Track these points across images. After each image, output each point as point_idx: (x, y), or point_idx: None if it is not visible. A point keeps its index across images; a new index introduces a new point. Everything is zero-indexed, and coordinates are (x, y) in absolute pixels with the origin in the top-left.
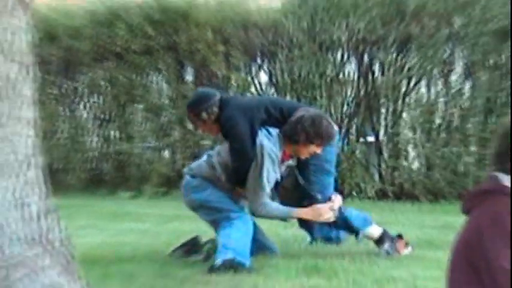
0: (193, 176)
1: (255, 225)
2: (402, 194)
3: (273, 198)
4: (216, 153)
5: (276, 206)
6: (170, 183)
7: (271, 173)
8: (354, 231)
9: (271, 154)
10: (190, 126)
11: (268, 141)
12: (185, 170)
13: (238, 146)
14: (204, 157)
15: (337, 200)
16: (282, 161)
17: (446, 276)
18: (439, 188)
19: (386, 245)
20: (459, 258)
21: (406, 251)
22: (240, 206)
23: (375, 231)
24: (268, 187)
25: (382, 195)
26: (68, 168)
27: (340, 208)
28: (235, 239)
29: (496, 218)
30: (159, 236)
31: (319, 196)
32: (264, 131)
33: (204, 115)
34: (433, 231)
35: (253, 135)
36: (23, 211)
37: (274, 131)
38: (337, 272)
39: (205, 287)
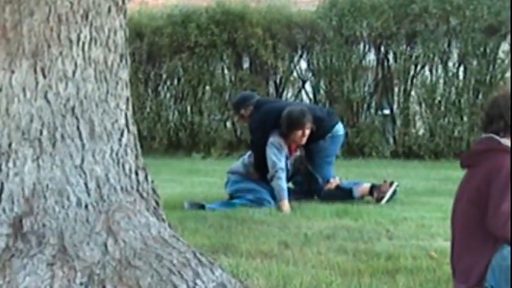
0: (232, 173)
1: None
2: (411, 154)
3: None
4: (248, 155)
5: (282, 185)
6: (232, 147)
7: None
8: (352, 196)
9: (274, 143)
10: None
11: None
12: (227, 170)
13: (252, 138)
14: (241, 159)
15: (334, 182)
16: (291, 153)
17: (452, 218)
18: (440, 149)
19: (375, 193)
20: (467, 202)
21: (391, 188)
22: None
23: (365, 188)
24: (279, 163)
25: (395, 155)
26: (153, 135)
27: (338, 185)
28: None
29: (500, 170)
30: (223, 187)
31: (320, 180)
32: None
33: (242, 111)
34: (435, 182)
35: (266, 134)
36: (121, 167)
37: None
38: (362, 214)
39: (260, 225)
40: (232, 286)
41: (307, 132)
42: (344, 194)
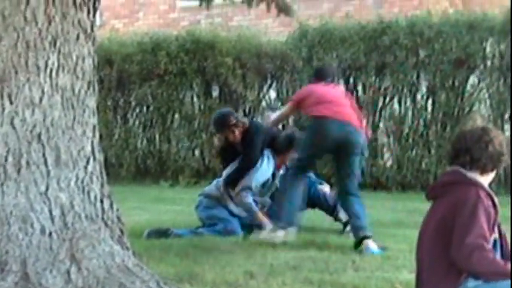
0: (205, 197)
1: None
2: (378, 186)
3: (264, 194)
4: (222, 177)
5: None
6: (200, 175)
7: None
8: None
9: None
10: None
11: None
12: (199, 193)
13: (250, 151)
14: (214, 181)
15: (325, 188)
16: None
17: (418, 248)
18: (407, 181)
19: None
20: (433, 233)
21: None
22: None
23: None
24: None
25: (363, 186)
26: (121, 163)
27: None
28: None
29: (466, 202)
30: (191, 216)
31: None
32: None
33: (233, 123)
34: (403, 214)
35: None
36: (87, 195)
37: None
38: (328, 245)
39: (225, 255)
40: None
41: None
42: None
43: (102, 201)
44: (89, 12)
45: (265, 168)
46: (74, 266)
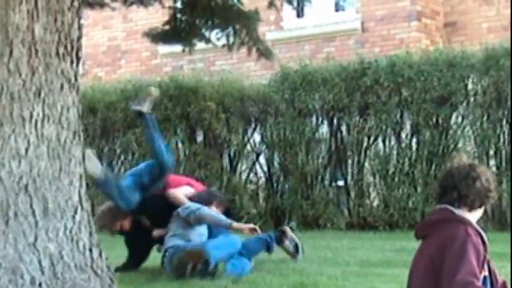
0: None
1: None
2: (366, 225)
3: None
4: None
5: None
6: None
7: None
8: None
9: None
10: (200, 175)
11: None
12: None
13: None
14: None
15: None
16: None
17: (408, 287)
18: (394, 220)
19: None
20: (422, 272)
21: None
22: None
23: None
24: None
25: (350, 226)
26: None
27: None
28: None
29: (454, 239)
30: None
31: None
32: None
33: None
34: (391, 254)
35: None
36: (75, 245)
37: None
38: (318, 287)
39: None
40: None
41: None
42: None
43: (91, 250)
44: (72, 62)
45: None
46: None
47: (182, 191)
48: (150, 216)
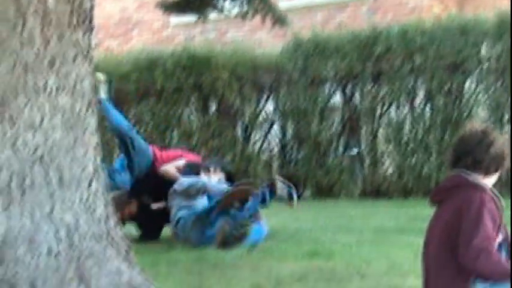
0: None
1: None
2: (380, 194)
3: None
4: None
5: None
6: None
7: None
8: None
9: None
10: (214, 145)
11: None
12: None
13: None
14: None
15: None
16: None
17: (424, 254)
18: (408, 188)
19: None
20: (438, 239)
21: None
22: None
23: None
24: None
25: (364, 194)
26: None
27: None
28: None
29: (470, 204)
30: None
31: None
32: None
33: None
34: (405, 221)
35: None
36: (91, 215)
37: None
38: (333, 254)
39: (231, 269)
40: None
41: None
42: None
43: (107, 220)
44: (85, 33)
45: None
46: (82, 285)
47: (173, 166)
48: (150, 194)
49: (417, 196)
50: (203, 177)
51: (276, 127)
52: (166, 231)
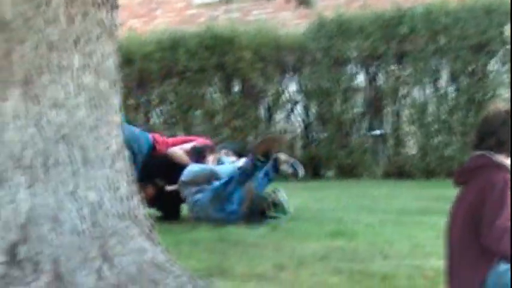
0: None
1: None
2: (403, 174)
3: None
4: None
5: None
6: None
7: None
8: None
9: None
10: (237, 125)
11: None
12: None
13: None
14: None
15: None
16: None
17: (448, 234)
18: (432, 168)
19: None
20: (462, 220)
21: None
22: None
23: None
24: None
25: (387, 175)
26: None
27: None
28: None
29: (494, 185)
30: None
31: None
32: None
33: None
34: (428, 202)
35: None
36: (115, 193)
37: None
38: (356, 234)
39: (253, 248)
40: None
41: None
42: None
43: (130, 199)
44: (109, 11)
45: None
46: (105, 263)
47: (181, 148)
48: (162, 177)
49: (440, 177)
50: (210, 160)
51: (299, 107)
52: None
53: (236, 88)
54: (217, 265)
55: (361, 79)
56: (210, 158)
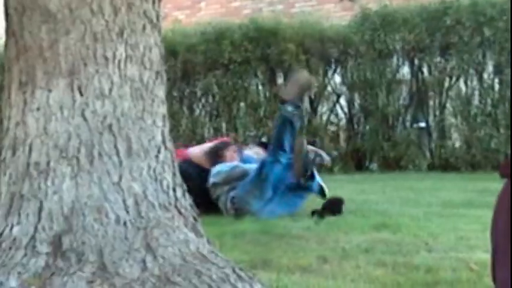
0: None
1: None
2: (448, 167)
3: None
4: None
5: None
6: None
7: None
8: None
9: None
10: None
11: None
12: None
13: None
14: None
15: None
16: None
17: (493, 228)
18: (477, 161)
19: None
20: (507, 215)
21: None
22: None
23: None
24: None
25: (432, 167)
26: None
27: None
28: None
29: None
30: None
31: None
32: None
33: None
34: (473, 194)
35: None
36: (159, 184)
37: None
38: (400, 227)
39: (297, 240)
40: None
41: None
42: None
43: (174, 190)
44: (153, 2)
45: None
46: (149, 254)
47: (199, 148)
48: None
49: (485, 169)
50: (227, 156)
51: (343, 99)
52: None
53: (280, 80)
54: (261, 257)
55: (405, 71)
56: (228, 154)
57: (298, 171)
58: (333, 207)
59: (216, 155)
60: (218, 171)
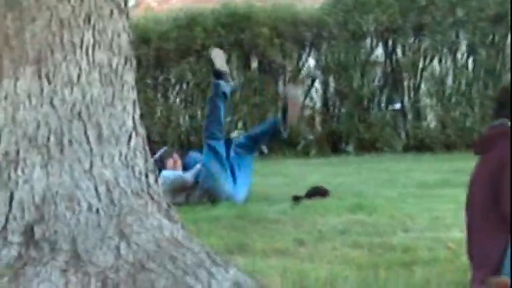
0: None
1: None
2: (423, 147)
3: None
4: None
5: None
6: None
7: None
8: None
9: None
10: (256, 102)
11: None
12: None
13: None
14: None
15: None
16: None
17: (467, 206)
18: (452, 141)
19: None
20: (481, 188)
21: None
22: None
23: None
24: None
25: (407, 148)
26: (164, 140)
27: None
28: None
29: None
30: None
31: None
32: None
33: None
34: (448, 175)
35: None
36: (131, 170)
37: None
38: (376, 208)
39: (274, 224)
40: (247, 285)
41: None
42: None
43: (147, 176)
44: None
45: None
46: (123, 241)
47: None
48: None
49: (460, 149)
50: (169, 164)
51: (317, 83)
52: None
53: (254, 65)
54: (237, 242)
55: (379, 52)
56: (169, 162)
57: (292, 117)
58: (319, 193)
59: (161, 164)
60: (163, 181)
